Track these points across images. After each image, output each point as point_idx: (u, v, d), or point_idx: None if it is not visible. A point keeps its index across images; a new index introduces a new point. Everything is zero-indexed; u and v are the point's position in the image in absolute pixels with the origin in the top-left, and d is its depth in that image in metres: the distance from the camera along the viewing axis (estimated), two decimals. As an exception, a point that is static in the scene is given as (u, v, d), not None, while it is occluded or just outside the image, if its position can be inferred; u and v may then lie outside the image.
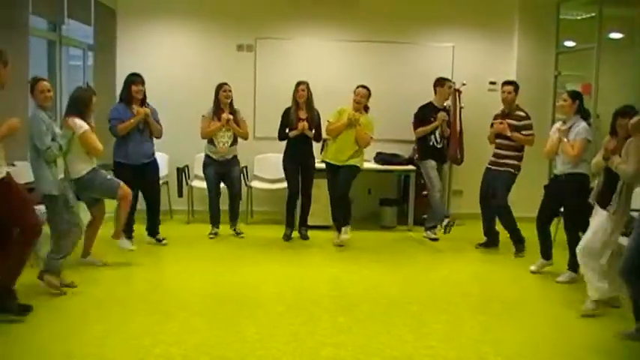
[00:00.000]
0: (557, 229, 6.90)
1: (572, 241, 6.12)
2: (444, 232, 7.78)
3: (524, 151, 7.27)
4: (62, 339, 4.56)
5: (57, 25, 8.77)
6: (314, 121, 7.73)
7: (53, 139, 5.35)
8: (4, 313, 4.82)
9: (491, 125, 7.45)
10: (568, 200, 6.25)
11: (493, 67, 9.21)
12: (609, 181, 5.21)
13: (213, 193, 7.88)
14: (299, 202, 7.95)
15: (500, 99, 7.41)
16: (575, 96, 6.25)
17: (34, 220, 4.93)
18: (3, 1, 6.98)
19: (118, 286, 5.91)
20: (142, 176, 7.13)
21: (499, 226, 7.52)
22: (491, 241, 7.62)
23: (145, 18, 8.89)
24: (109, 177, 6.36)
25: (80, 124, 5.94)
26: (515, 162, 7.24)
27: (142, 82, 7.06)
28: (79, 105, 6.03)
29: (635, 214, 5.30)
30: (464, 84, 8.76)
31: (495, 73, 9.12)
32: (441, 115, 7.88)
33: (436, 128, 7.87)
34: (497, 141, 7.36)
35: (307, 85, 7.71)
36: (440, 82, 7.98)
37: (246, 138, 7.89)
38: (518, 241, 7.29)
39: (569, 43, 9.51)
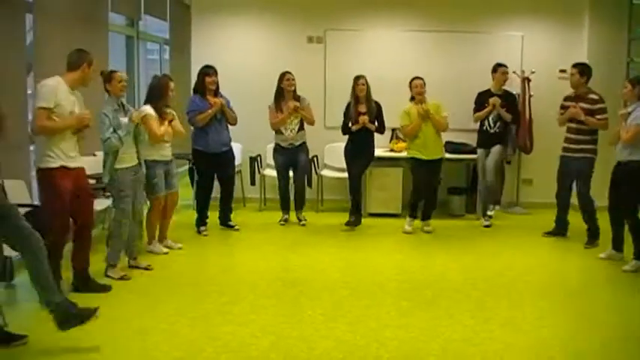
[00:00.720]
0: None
1: (633, 228, 6.11)
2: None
3: (597, 135, 7.15)
4: (137, 316, 4.87)
5: (134, 21, 9.14)
6: (373, 113, 7.85)
7: (115, 131, 5.58)
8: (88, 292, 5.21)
9: (561, 107, 7.39)
10: (624, 187, 6.22)
11: (563, 55, 9.09)
12: None
13: (283, 180, 8.10)
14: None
15: (570, 85, 7.40)
16: (636, 82, 6.21)
17: (52, 225, 4.92)
18: (84, 0, 7.35)
19: (190, 269, 6.22)
20: (219, 164, 7.41)
21: (570, 217, 7.50)
22: (559, 230, 7.59)
23: (218, 13, 9.16)
24: (158, 181, 6.44)
25: (142, 108, 6.23)
26: (592, 146, 7.12)
27: (215, 73, 7.31)
28: (156, 92, 6.35)
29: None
30: (533, 72, 8.73)
31: (565, 61, 8.96)
32: (493, 99, 7.97)
33: (490, 113, 7.95)
34: (570, 125, 7.24)
35: (365, 78, 7.85)
36: (494, 68, 8.11)
37: (312, 123, 8.07)
38: (594, 234, 7.18)
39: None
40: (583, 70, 7.24)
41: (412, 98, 7.66)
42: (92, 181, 6.02)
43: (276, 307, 5.15)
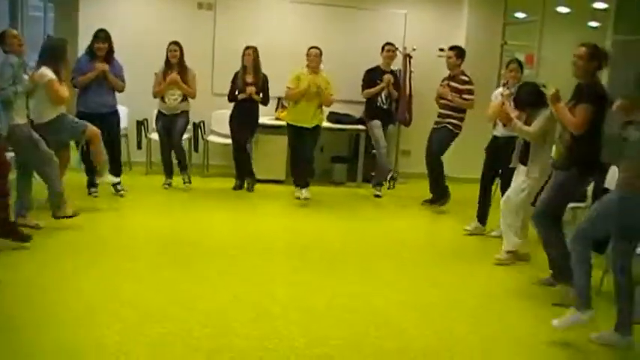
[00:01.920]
0: (495, 191, 7.43)
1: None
2: (388, 188, 8.30)
3: (464, 114, 7.74)
4: (36, 274, 4.92)
5: (19, -23, 8.91)
6: (260, 84, 8.13)
7: (14, 83, 5.56)
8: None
9: (440, 85, 7.92)
10: (505, 162, 6.76)
11: (443, 35, 9.65)
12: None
13: (163, 145, 8.20)
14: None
15: (447, 64, 7.90)
16: (513, 62, 6.79)
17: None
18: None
19: (84, 230, 6.23)
20: (102, 126, 7.40)
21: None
22: (436, 198, 8.11)
23: (108, -27, 9.07)
24: (76, 120, 6.60)
25: (45, 72, 6.17)
26: (455, 121, 7.72)
27: (105, 39, 7.29)
28: (56, 54, 6.28)
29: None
30: (414, 49, 9.17)
31: (445, 40, 9.53)
32: (387, 77, 8.36)
33: (382, 90, 8.34)
34: (441, 102, 7.82)
35: (255, 49, 8.09)
36: (382, 47, 8.49)
37: (193, 96, 8.16)
38: (442, 194, 7.83)
39: (521, 15, 9.99)
40: (459, 53, 7.76)
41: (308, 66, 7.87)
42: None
43: (172, 266, 5.32)
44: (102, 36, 7.30)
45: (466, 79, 7.69)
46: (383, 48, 8.47)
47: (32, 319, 4.10)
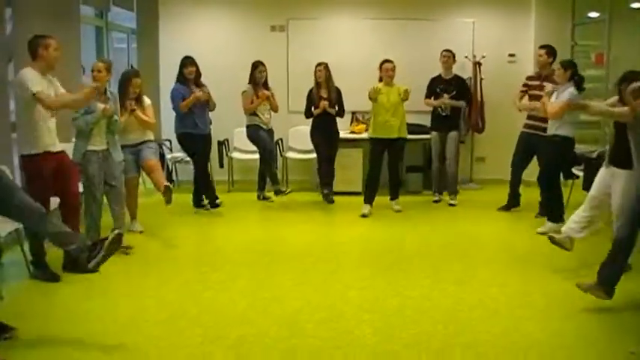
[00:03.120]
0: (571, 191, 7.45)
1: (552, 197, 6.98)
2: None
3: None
4: (125, 286, 5.32)
5: (103, 12, 9.47)
6: (334, 98, 8.41)
7: (86, 113, 5.86)
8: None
9: (523, 86, 7.82)
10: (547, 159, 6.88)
11: (512, 41, 9.74)
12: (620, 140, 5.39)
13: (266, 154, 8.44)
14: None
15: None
16: (566, 65, 6.80)
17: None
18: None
19: (169, 245, 6.64)
20: (204, 145, 7.98)
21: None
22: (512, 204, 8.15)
23: (185, 3, 9.57)
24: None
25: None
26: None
27: (192, 64, 7.77)
28: (119, 87, 6.76)
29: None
30: (483, 57, 9.29)
31: (514, 46, 9.68)
32: (439, 102, 8.48)
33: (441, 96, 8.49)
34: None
35: (326, 65, 8.39)
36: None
37: (276, 110, 8.54)
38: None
39: (593, 14, 9.94)
40: (550, 51, 7.72)
41: (381, 79, 8.02)
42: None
43: (250, 274, 5.64)
44: (189, 61, 7.78)
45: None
46: (441, 54, 8.58)
47: (122, 326, 4.47)
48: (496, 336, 4.32)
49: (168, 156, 9.06)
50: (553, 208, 7.02)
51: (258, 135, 8.41)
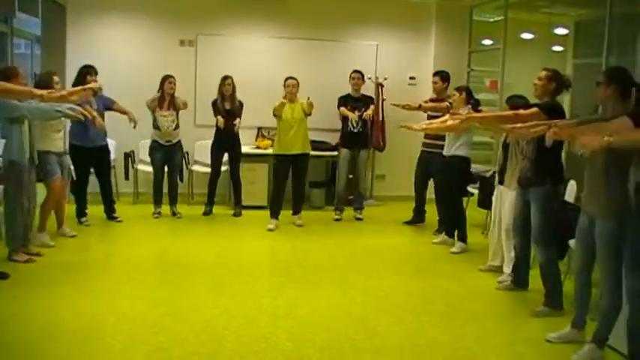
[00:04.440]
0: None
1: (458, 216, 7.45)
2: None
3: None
4: (38, 296, 5.32)
5: (8, 19, 9.33)
6: (237, 111, 8.70)
7: None
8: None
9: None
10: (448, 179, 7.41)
11: (413, 64, 10.26)
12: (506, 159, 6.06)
13: (159, 176, 8.65)
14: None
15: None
16: (462, 89, 7.29)
17: None
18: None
19: (79, 255, 6.66)
20: (97, 158, 7.90)
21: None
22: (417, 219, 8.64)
23: (94, 13, 9.51)
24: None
25: None
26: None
27: (96, 74, 7.72)
28: (41, 86, 6.66)
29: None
30: (385, 78, 9.73)
31: (415, 69, 10.20)
32: (352, 116, 8.83)
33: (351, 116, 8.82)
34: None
35: (232, 79, 8.66)
36: (350, 75, 9.00)
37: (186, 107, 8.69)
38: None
39: (487, 42, 10.56)
40: (444, 76, 8.29)
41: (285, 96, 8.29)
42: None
43: (164, 285, 5.77)
44: (94, 70, 7.75)
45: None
46: (350, 75, 8.97)
47: (39, 335, 4.52)
48: (403, 339, 4.65)
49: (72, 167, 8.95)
50: (460, 227, 7.39)
51: (152, 155, 8.64)
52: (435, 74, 8.42)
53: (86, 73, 7.69)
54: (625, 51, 7.34)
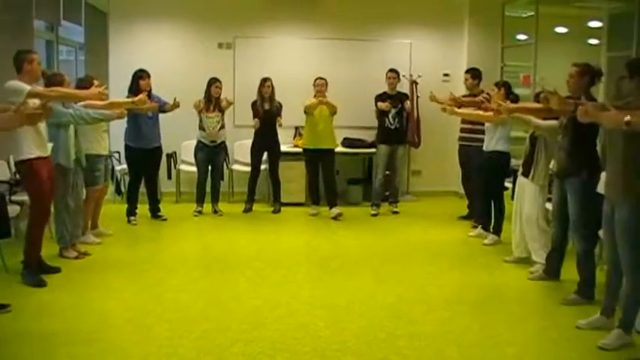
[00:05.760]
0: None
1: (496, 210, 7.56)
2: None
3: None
4: (89, 289, 5.64)
5: (54, 27, 9.74)
6: (277, 111, 8.98)
7: None
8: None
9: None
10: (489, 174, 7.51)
11: (446, 61, 10.42)
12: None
13: (203, 175, 8.93)
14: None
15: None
16: (500, 85, 7.37)
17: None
18: (10, 9, 7.96)
19: (126, 252, 6.99)
20: (150, 159, 8.27)
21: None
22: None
23: (135, 20, 9.86)
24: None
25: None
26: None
27: (148, 77, 8.06)
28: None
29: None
30: (420, 76, 9.90)
31: (448, 66, 10.36)
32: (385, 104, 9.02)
33: (390, 111, 9.00)
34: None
35: (271, 80, 8.93)
36: (386, 74, 9.16)
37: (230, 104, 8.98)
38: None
39: (522, 37, 10.65)
40: (474, 74, 8.46)
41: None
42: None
43: (206, 278, 6.06)
44: (146, 74, 8.07)
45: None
46: (386, 74, 9.15)
47: (94, 324, 4.83)
48: (434, 327, 4.85)
49: (117, 168, 9.31)
50: (497, 221, 7.53)
51: (197, 154, 8.92)
52: (467, 71, 8.59)
53: (139, 77, 7.99)
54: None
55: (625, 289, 4.52)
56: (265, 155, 9.23)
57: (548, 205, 6.19)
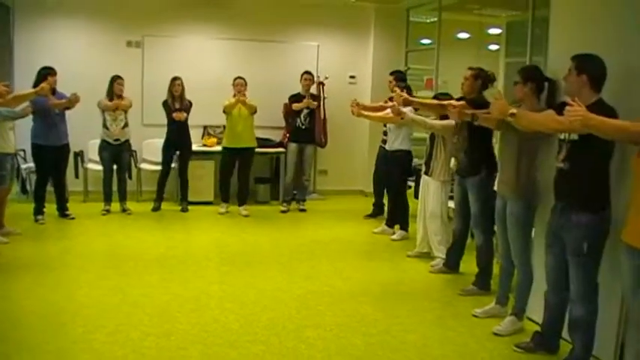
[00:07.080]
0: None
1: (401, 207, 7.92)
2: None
3: None
4: (0, 288, 5.63)
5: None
6: (187, 109, 9.08)
7: None
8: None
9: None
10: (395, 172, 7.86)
11: (352, 64, 10.77)
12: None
13: (108, 174, 8.90)
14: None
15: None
16: (393, 73, 8.05)
17: None
18: None
19: (35, 250, 6.93)
20: (59, 157, 8.20)
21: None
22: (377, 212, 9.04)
23: (41, 15, 9.65)
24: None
25: None
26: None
27: (55, 74, 7.95)
28: None
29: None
30: (327, 77, 10.16)
31: (354, 68, 10.71)
32: (306, 101, 9.31)
33: (303, 110, 9.28)
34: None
35: (181, 79, 9.05)
36: (301, 75, 9.46)
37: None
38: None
39: (427, 41, 11.05)
40: (398, 76, 8.35)
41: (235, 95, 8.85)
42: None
43: (118, 275, 6.09)
44: (54, 71, 7.94)
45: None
46: (302, 76, 9.42)
47: (2, 322, 4.85)
48: (341, 318, 5.11)
49: (23, 166, 9.17)
50: (403, 217, 7.89)
51: (101, 154, 8.90)
52: (391, 74, 8.70)
53: (46, 74, 7.88)
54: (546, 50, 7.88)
55: (517, 278, 4.91)
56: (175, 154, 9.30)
57: (451, 203, 6.57)
